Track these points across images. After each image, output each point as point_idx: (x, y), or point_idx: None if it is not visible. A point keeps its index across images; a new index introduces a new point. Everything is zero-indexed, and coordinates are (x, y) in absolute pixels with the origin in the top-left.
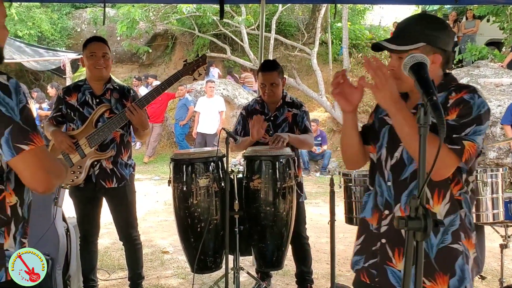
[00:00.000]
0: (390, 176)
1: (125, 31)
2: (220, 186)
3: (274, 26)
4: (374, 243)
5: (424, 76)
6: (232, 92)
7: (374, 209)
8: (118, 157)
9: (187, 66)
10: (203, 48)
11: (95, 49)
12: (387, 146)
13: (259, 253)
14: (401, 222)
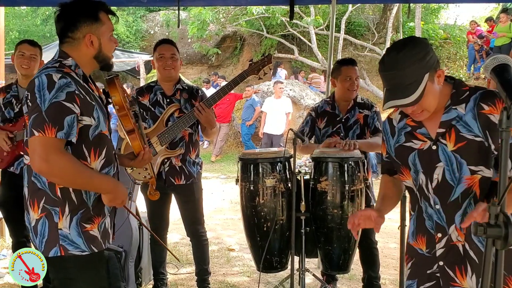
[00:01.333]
0: (437, 199)
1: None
2: (286, 187)
3: (343, 26)
4: (429, 266)
5: (507, 78)
6: (299, 93)
7: (419, 233)
8: (186, 155)
9: (252, 66)
10: (270, 49)
11: (164, 51)
12: (424, 170)
13: (325, 256)
14: (479, 229)
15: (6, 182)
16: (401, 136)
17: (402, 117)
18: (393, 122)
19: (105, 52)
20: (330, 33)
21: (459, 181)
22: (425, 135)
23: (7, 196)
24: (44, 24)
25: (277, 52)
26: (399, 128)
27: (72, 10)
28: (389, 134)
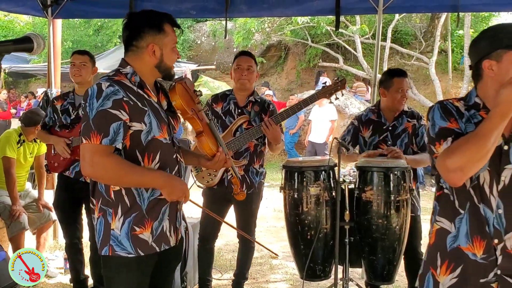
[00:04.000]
0: (501, 203)
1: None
2: (331, 196)
3: (389, 35)
4: (484, 274)
5: None
6: (344, 101)
7: (475, 235)
8: (250, 165)
9: (325, 89)
10: (315, 58)
11: (242, 62)
12: (490, 168)
13: (369, 266)
14: None
15: (61, 185)
16: (470, 124)
17: (470, 109)
18: (460, 108)
19: (166, 62)
20: (376, 42)
21: None
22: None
23: (62, 198)
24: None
25: (322, 61)
26: (468, 116)
27: (138, 20)
28: (456, 116)
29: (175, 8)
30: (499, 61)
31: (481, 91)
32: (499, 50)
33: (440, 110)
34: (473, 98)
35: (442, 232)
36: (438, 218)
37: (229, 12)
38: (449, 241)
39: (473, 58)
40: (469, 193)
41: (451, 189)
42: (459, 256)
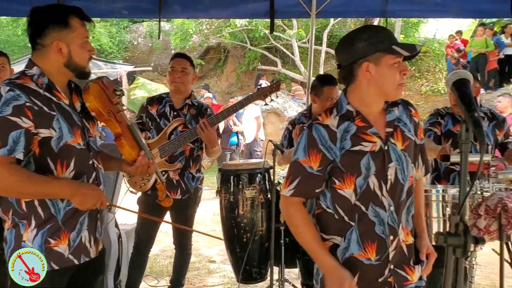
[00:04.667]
0: (391, 201)
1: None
2: (266, 198)
3: (325, 39)
4: (380, 274)
5: (466, 92)
6: (282, 104)
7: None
8: (185, 169)
9: (260, 91)
10: (254, 61)
11: (176, 64)
12: (376, 173)
13: (304, 266)
14: (440, 238)
15: None
16: (346, 140)
17: (343, 120)
18: (331, 128)
19: (76, 60)
20: (310, 45)
21: (405, 179)
22: (376, 135)
23: None
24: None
25: (261, 64)
26: (342, 131)
27: (41, 16)
28: (329, 142)
29: (107, 8)
30: (377, 64)
31: (353, 94)
32: (377, 53)
33: (306, 139)
34: (344, 106)
35: (333, 248)
36: (327, 237)
37: (163, 12)
38: (340, 253)
39: (346, 58)
40: (356, 205)
41: (334, 208)
42: (354, 265)
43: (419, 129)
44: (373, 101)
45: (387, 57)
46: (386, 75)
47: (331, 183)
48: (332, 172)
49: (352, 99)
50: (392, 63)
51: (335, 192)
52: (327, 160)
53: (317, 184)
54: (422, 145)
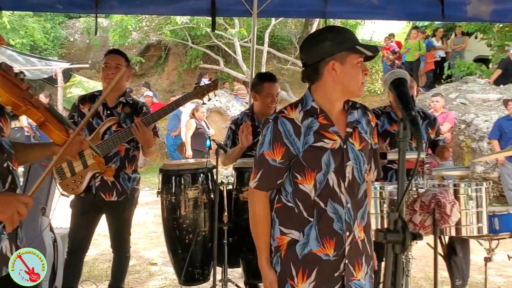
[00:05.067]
0: (348, 198)
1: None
2: (209, 198)
3: (267, 39)
4: (336, 269)
5: (404, 91)
6: (225, 103)
7: (325, 237)
8: (121, 170)
9: (197, 90)
10: (196, 59)
11: (109, 60)
12: (335, 170)
13: (248, 265)
14: (379, 234)
15: None
16: (309, 136)
17: (307, 116)
18: (296, 121)
19: None
20: (251, 44)
21: (363, 179)
22: (336, 134)
23: None
24: None
25: (203, 63)
26: (306, 127)
27: None
28: (293, 135)
29: (39, 1)
30: (342, 63)
31: (318, 92)
32: (343, 52)
33: (272, 133)
34: (309, 103)
35: (292, 243)
36: (286, 231)
37: (100, 7)
38: (299, 249)
39: (312, 57)
40: (315, 201)
41: (295, 202)
42: (312, 260)
43: (374, 133)
44: (337, 99)
45: (352, 56)
46: (351, 74)
47: (293, 178)
48: (294, 166)
49: (317, 96)
50: (356, 62)
51: (297, 186)
52: (290, 154)
53: (279, 176)
54: (375, 149)
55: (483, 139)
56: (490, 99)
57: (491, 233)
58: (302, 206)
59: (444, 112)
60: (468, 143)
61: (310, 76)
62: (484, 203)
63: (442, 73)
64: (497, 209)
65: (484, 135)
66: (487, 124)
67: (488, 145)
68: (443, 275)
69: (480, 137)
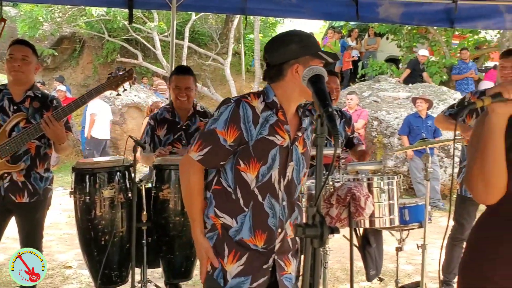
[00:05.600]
0: (285, 196)
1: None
2: (126, 197)
3: (187, 34)
4: (265, 261)
5: (321, 88)
6: (145, 99)
7: (258, 230)
8: (32, 170)
9: (111, 80)
10: (113, 53)
11: (14, 51)
12: (279, 167)
13: (168, 265)
14: (298, 230)
15: None
16: (265, 127)
17: (267, 108)
18: (256, 110)
19: None
20: (171, 39)
21: (299, 181)
22: (288, 133)
23: None
24: None
25: (120, 57)
26: (264, 118)
27: None
28: (251, 122)
29: None
30: (306, 67)
31: (280, 90)
32: (307, 56)
33: (230, 113)
34: (271, 96)
35: (225, 226)
36: (220, 214)
37: None
38: (232, 234)
39: (277, 58)
40: (254, 193)
41: (235, 189)
42: (244, 246)
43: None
44: (295, 100)
45: (315, 61)
46: None
47: (235, 164)
48: (241, 153)
49: (278, 93)
50: None
51: (238, 173)
52: (242, 139)
53: (225, 158)
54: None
55: (394, 135)
56: (400, 97)
57: (401, 224)
58: (240, 194)
59: (358, 109)
60: (380, 139)
61: (273, 76)
62: (396, 196)
63: (357, 72)
64: (407, 201)
65: (394, 131)
66: (398, 121)
67: (398, 140)
68: (358, 266)
69: (391, 133)
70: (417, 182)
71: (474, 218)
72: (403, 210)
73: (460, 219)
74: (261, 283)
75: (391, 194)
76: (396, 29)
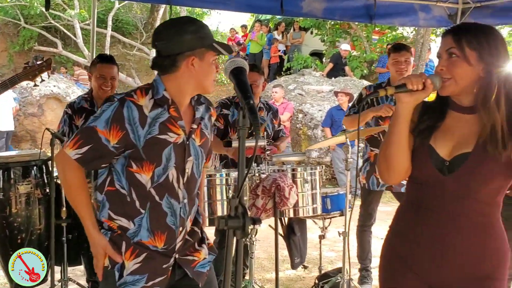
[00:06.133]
0: (186, 193)
1: None
2: (44, 193)
3: (110, 23)
4: (165, 261)
5: (243, 80)
6: (65, 89)
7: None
8: None
9: (27, 70)
10: (30, 41)
11: None
12: (176, 165)
13: (90, 262)
14: (221, 221)
15: None
16: (154, 127)
17: (157, 105)
18: (143, 110)
19: None
20: (91, 27)
21: (199, 173)
22: (182, 128)
23: None
24: None
25: (38, 45)
26: (153, 118)
27: None
28: (137, 123)
29: None
30: (201, 59)
31: (172, 83)
32: (203, 48)
33: (113, 112)
34: (161, 91)
35: (122, 228)
36: (115, 217)
37: None
38: (131, 235)
39: (170, 48)
40: (150, 194)
41: (129, 190)
42: (142, 247)
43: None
44: (189, 93)
45: (210, 53)
46: (207, 71)
47: (127, 165)
48: (132, 155)
49: (169, 86)
50: (212, 59)
51: (131, 174)
52: (129, 141)
53: (107, 160)
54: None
55: (318, 127)
56: (323, 91)
57: (324, 212)
58: (135, 195)
59: (284, 102)
60: (304, 131)
61: (165, 67)
62: (318, 186)
63: (282, 65)
64: (329, 191)
65: (318, 123)
66: (321, 113)
67: (321, 132)
68: (284, 254)
69: (315, 125)
70: (339, 172)
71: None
72: (325, 199)
73: (367, 208)
74: (158, 282)
75: (314, 184)
76: (320, 23)
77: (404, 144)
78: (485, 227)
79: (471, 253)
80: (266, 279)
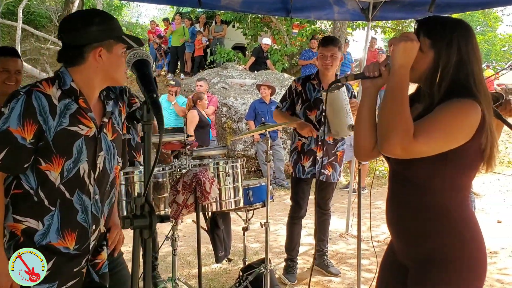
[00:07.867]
0: (97, 189)
1: None
2: None
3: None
4: (77, 264)
5: (146, 73)
6: None
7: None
8: None
9: None
10: None
11: None
12: (88, 159)
13: None
14: (126, 221)
15: None
16: (64, 118)
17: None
18: (53, 99)
19: None
20: None
21: (112, 169)
22: (93, 121)
23: None
24: None
25: None
26: (63, 108)
27: None
28: (48, 112)
29: None
30: (109, 51)
31: (79, 75)
32: (111, 40)
33: (23, 106)
34: (68, 82)
35: (28, 232)
36: (22, 218)
37: None
38: (38, 238)
39: (76, 39)
40: (59, 190)
41: (36, 190)
42: (50, 251)
43: (124, 123)
44: (98, 86)
45: (119, 45)
46: (116, 63)
47: (36, 163)
48: (40, 151)
49: (77, 79)
50: (121, 52)
51: (40, 172)
52: (41, 134)
53: (28, 158)
54: (125, 140)
55: (242, 120)
56: (246, 84)
57: (246, 204)
58: (43, 194)
59: (208, 96)
60: (229, 124)
61: (71, 58)
62: (240, 178)
63: (206, 59)
64: (251, 183)
65: (242, 116)
66: (245, 106)
67: (246, 125)
68: (209, 248)
69: (240, 118)
70: (263, 163)
71: (308, 196)
72: (248, 191)
73: (297, 198)
74: (70, 286)
75: (235, 177)
76: (241, 17)
77: (368, 124)
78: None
79: (411, 233)
80: (192, 275)
